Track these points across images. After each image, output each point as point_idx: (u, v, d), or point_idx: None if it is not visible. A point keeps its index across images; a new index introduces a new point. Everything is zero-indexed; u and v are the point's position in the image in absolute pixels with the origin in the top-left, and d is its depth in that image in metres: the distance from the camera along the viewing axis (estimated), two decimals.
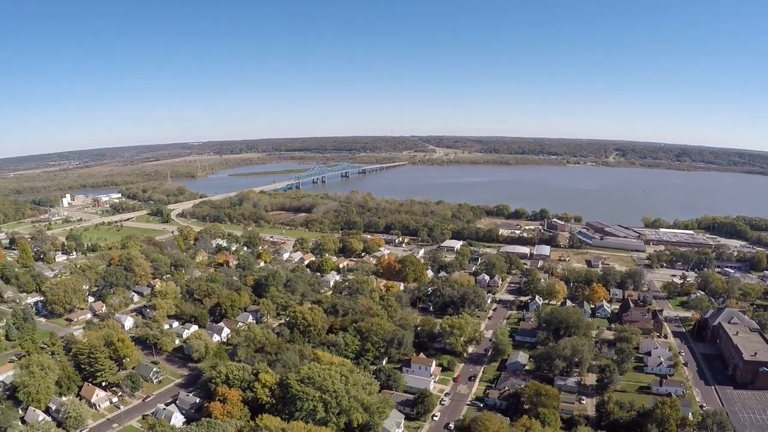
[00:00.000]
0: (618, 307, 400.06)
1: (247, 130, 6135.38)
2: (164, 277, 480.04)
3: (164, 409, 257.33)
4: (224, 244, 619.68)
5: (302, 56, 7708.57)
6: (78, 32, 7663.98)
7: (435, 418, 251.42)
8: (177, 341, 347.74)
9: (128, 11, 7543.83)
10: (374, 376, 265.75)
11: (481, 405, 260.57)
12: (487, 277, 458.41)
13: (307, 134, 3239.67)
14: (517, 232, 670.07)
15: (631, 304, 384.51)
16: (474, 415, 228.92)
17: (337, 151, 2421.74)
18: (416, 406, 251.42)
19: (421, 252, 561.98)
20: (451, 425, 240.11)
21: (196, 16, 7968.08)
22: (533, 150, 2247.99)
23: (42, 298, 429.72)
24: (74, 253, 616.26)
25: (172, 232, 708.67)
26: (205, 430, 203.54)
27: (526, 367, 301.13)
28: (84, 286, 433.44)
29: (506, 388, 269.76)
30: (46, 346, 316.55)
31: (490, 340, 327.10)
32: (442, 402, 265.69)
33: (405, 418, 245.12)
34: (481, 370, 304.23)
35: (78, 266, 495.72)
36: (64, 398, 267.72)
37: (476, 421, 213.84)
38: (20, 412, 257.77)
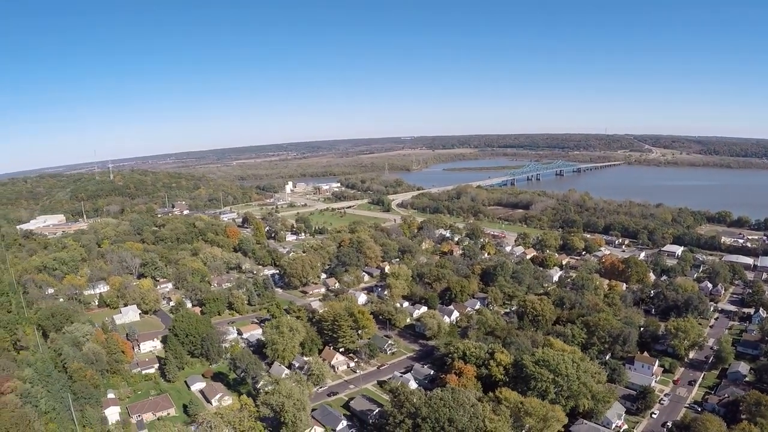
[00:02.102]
0: None
1: (458, 125, 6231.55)
2: (392, 260, 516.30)
3: (401, 376, 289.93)
4: (447, 235, 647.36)
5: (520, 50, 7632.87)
6: (292, 34, 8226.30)
7: (653, 416, 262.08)
8: (408, 320, 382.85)
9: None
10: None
11: (699, 409, 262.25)
12: (709, 285, 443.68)
13: (518, 131, 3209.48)
14: (740, 240, 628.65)
15: None
16: (693, 416, 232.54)
17: (550, 149, 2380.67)
18: (637, 401, 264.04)
19: (642, 255, 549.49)
20: (669, 424, 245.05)
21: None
22: (757, 153, 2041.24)
23: (277, 271, 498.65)
24: (303, 234, 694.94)
25: (394, 220, 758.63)
26: (450, 395, 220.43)
27: (747, 378, 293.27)
28: (317, 264, 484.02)
29: (726, 395, 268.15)
30: (290, 311, 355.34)
31: (711, 347, 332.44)
32: (661, 401, 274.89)
33: (625, 412, 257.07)
34: (701, 375, 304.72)
35: (310, 246, 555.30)
36: (305, 358, 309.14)
37: (696, 422, 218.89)
38: (265, 366, 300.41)
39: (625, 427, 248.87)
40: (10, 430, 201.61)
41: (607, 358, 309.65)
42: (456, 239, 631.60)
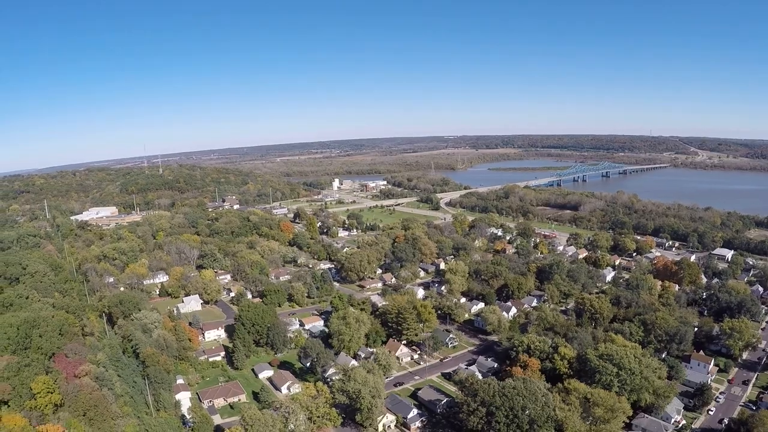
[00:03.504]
0: None
1: (502, 125, 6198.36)
2: (447, 257, 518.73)
3: (466, 368, 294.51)
4: (499, 233, 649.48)
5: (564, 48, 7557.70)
6: (335, 34, 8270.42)
7: (710, 413, 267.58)
8: (466, 315, 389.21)
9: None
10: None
11: (754, 407, 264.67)
12: (760, 289, 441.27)
13: (563, 131, 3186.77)
14: None
15: None
16: (750, 413, 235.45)
17: (595, 150, 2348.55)
18: (695, 398, 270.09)
19: (692, 257, 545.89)
20: (726, 420, 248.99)
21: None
22: None
23: (333, 266, 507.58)
24: (354, 230, 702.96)
25: (444, 218, 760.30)
26: (522, 384, 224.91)
27: None
28: (374, 259, 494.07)
29: None
30: (353, 304, 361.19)
31: (764, 350, 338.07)
32: (717, 399, 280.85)
33: (683, 408, 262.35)
34: (755, 376, 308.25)
35: (365, 241, 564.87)
36: (370, 349, 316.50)
37: (753, 419, 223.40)
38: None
39: (684, 422, 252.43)
40: (89, 412, 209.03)
41: (664, 356, 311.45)
42: (508, 238, 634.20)
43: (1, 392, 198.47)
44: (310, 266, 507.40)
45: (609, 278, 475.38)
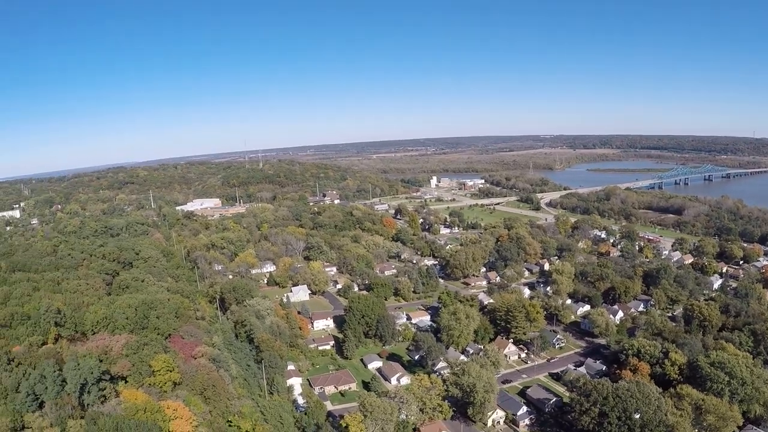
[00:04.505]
0: None
1: (600, 124, 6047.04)
2: (551, 258, 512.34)
3: (575, 369, 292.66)
4: (602, 236, 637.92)
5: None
6: (428, 33, 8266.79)
7: None
8: (572, 316, 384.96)
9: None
10: None
11: None
12: None
13: (662, 132, 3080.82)
14: None
15: None
16: None
17: (696, 152, 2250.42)
18: None
19: None
20: None
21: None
22: None
23: (436, 262, 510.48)
24: (456, 228, 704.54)
25: (546, 219, 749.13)
26: (635, 387, 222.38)
27: None
28: (479, 257, 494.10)
29: None
30: (460, 300, 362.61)
31: None
32: None
33: None
34: None
35: (468, 239, 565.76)
36: (478, 345, 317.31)
37: None
38: None
39: None
40: (206, 391, 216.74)
41: None
42: (611, 241, 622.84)
43: (120, 368, 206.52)
44: (414, 262, 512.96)
45: (716, 286, 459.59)
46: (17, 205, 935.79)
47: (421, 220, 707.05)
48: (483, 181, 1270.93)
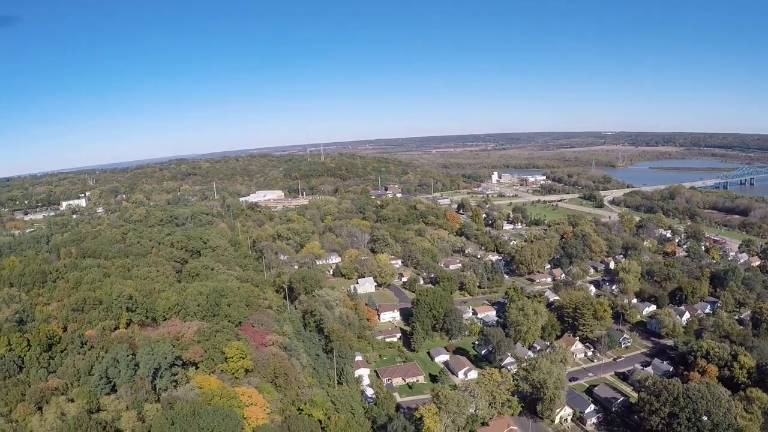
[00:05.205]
0: None
1: (662, 121, 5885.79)
2: (616, 256, 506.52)
3: (642, 369, 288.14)
4: (668, 235, 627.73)
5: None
6: (488, 30, 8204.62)
7: None
8: (638, 316, 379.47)
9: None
10: None
11: None
12: None
13: (726, 130, 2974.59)
14: None
15: None
16: None
17: (761, 151, 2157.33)
18: None
19: None
20: None
21: None
22: None
23: (501, 257, 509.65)
24: (519, 224, 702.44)
25: (609, 217, 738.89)
26: (706, 389, 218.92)
27: None
28: (545, 253, 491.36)
29: None
30: (528, 296, 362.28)
31: None
32: None
33: None
34: None
35: (533, 235, 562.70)
36: (545, 341, 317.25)
37: None
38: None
39: None
40: (278, 379, 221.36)
41: None
42: (677, 240, 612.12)
43: (193, 354, 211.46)
44: (478, 257, 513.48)
45: None
46: (83, 195, 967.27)
47: (484, 215, 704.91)
48: (544, 177, 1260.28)
